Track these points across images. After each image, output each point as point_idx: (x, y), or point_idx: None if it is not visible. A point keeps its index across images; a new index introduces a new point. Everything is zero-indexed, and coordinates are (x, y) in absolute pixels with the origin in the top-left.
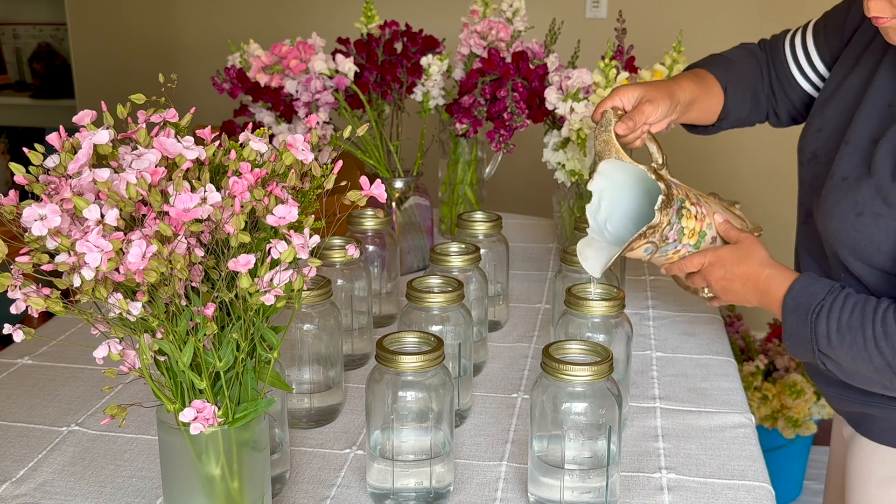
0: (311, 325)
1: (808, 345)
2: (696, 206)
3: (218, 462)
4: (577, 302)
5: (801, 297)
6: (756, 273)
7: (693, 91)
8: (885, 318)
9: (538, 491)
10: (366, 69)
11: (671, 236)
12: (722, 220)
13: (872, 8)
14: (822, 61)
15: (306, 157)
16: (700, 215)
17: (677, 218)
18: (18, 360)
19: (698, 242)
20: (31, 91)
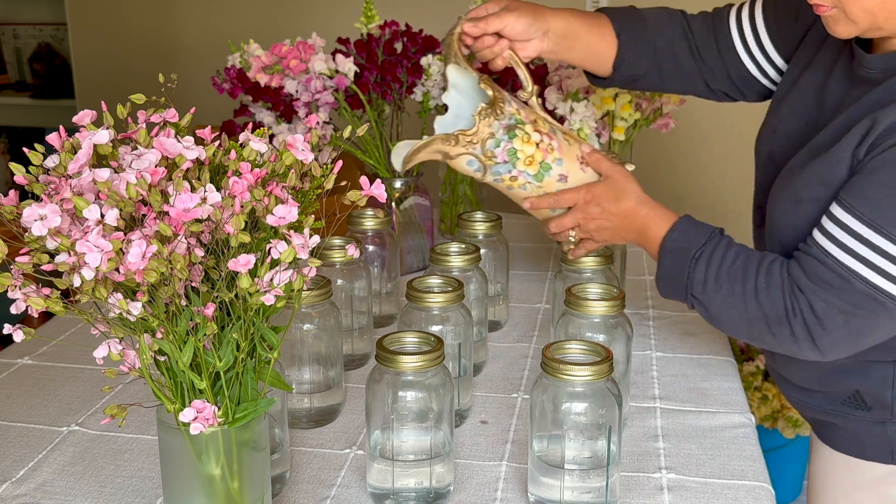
0: (311, 325)
1: (682, 288)
2: (543, 134)
3: (218, 462)
4: (577, 302)
5: (680, 240)
6: (634, 210)
7: (572, 23)
8: (770, 270)
9: (538, 491)
10: (366, 69)
11: (499, 155)
12: (590, 149)
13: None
14: (770, 40)
15: (306, 157)
16: (546, 146)
17: (507, 136)
18: (18, 360)
19: (540, 174)
20: (31, 91)
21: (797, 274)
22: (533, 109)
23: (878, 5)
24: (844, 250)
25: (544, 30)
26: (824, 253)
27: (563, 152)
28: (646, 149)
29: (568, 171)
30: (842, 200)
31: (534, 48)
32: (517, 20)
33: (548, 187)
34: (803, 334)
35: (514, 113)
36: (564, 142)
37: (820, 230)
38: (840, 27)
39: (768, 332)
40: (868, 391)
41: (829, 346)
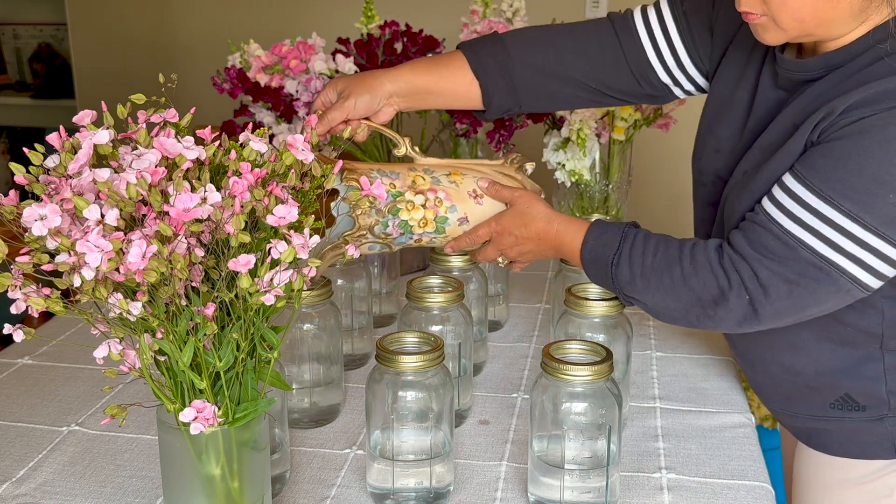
0: (311, 325)
1: (614, 291)
2: (426, 192)
3: (218, 462)
4: (577, 302)
5: (595, 248)
6: (545, 230)
7: (415, 80)
8: (693, 254)
9: (538, 491)
10: (366, 69)
11: (393, 231)
12: (486, 183)
13: (744, 3)
14: (681, 40)
15: (306, 157)
16: (434, 202)
17: (391, 214)
18: (18, 360)
19: (439, 228)
20: (31, 91)
21: (740, 243)
22: (412, 165)
23: (809, 14)
24: (793, 220)
25: (386, 96)
26: (771, 221)
27: (452, 198)
28: (646, 149)
29: (465, 212)
30: (795, 171)
31: (387, 113)
32: (356, 103)
33: (452, 234)
34: (742, 306)
35: (388, 190)
36: (451, 185)
37: (770, 199)
38: (769, 35)
39: (704, 315)
40: (860, 391)
41: (770, 316)
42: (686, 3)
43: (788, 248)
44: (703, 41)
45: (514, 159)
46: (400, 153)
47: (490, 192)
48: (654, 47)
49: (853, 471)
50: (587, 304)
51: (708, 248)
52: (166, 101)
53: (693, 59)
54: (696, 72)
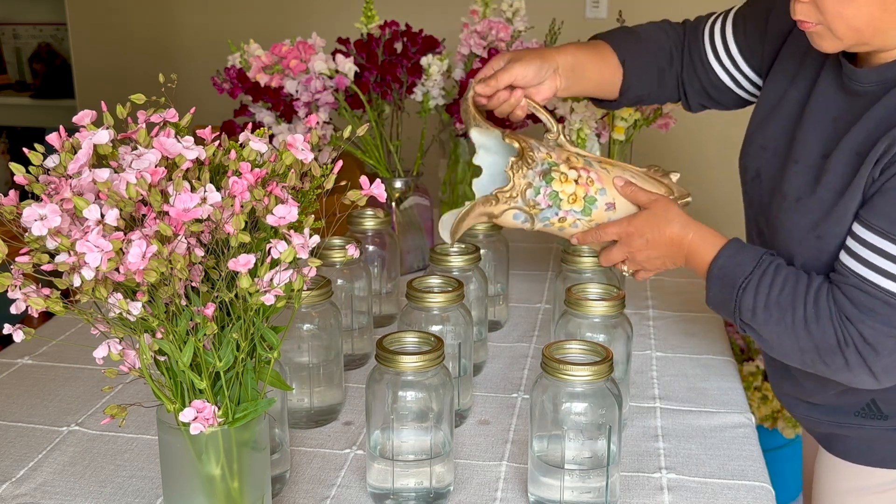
0: (311, 325)
1: (732, 314)
2: (579, 170)
3: (218, 462)
4: (577, 302)
5: (727, 266)
6: (679, 237)
7: (578, 56)
8: (817, 298)
9: (538, 491)
10: (366, 69)
11: (542, 201)
12: (623, 182)
13: (798, 11)
14: (739, 53)
15: (306, 157)
16: (586, 180)
17: (544, 181)
18: (18, 360)
19: (587, 208)
20: (31, 91)
21: (842, 302)
22: (563, 148)
23: (865, 23)
24: (880, 273)
25: (554, 68)
26: (860, 279)
27: (603, 181)
28: (646, 149)
29: (614, 198)
30: (864, 220)
31: (548, 89)
32: (526, 68)
33: (598, 219)
34: (857, 362)
35: (545, 158)
36: (603, 171)
37: (849, 253)
38: (826, 43)
39: (820, 362)
40: (886, 399)
41: (884, 372)
42: (747, 10)
43: (887, 304)
44: (755, 40)
45: (657, 169)
46: (552, 138)
47: (625, 193)
48: (713, 49)
49: (871, 479)
50: (587, 304)
51: (830, 295)
52: (166, 101)
53: (746, 58)
54: (751, 70)
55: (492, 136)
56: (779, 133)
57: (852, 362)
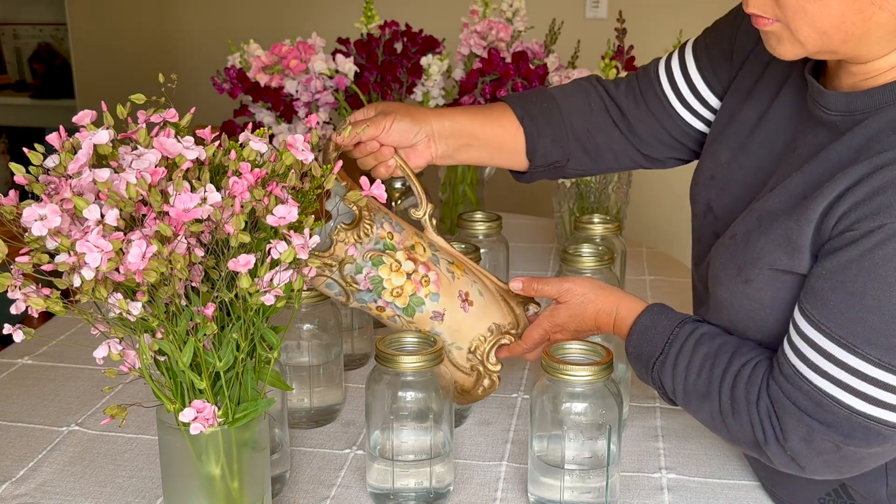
0: (311, 325)
1: (660, 394)
2: (419, 264)
3: (218, 462)
4: None
5: (640, 343)
6: (606, 320)
7: (460, 121)
8: (734, 392)
9: (538, 491)
10: (366, 69)
11: (362, 282)
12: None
13: (752, 3)
14: (710, 90)
15: (306, 157)
16: (420, 278)
17: (371, 262)
18: (18, 360)
19: (410, 308)
20: (31, 91)
21: (775, 394)
22: (420, 233)
23: (833, 25)
24: (820, 374)
25: (427, 133)
26: (798, 376)
27: (441, 287)
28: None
29: (444, 307)
30: (804, 309)
31: (422, 155)
32: (393, 124)
33: (419, 323)
34: (784, 460)
35: (383, 237)
36: (447, 275)
37: (789, 344)
38: (783, 47)
39: (749, 452)
40: (857, 485)
41: (819, 469)
42: (709, 35)
43: (823, 408)
44: (720, 65)
45: (519, 295)
46: (417, 216)
47: (529, 291)
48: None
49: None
50: None
51: (750, 386)
52: (166, 101)
53: (714, 89)
54: (711, 93)
55: (340, 189)
56: (731, 160)
57: (776, 458)
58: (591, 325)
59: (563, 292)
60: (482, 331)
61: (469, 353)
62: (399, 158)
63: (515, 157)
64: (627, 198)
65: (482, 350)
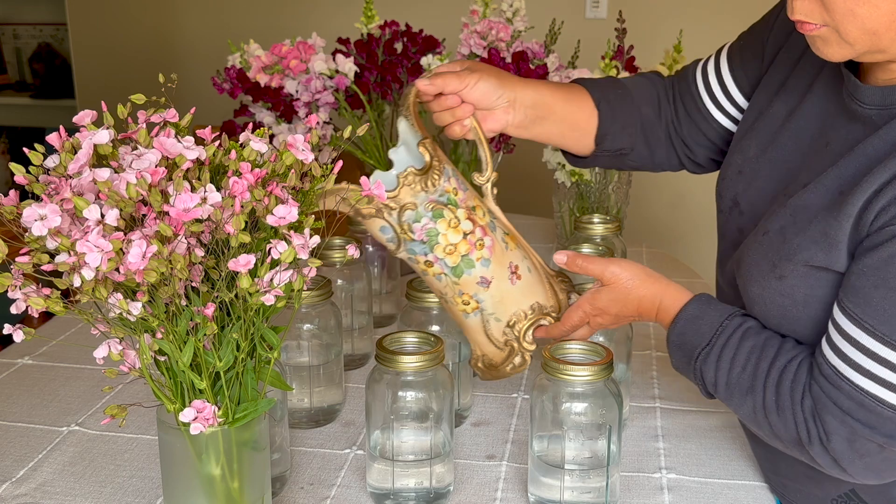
0: (311, 325)
1: (697, 384)
2: (477, 226)
3: (218, 462)
4: None
5: (686, 333)
6: (649, 307)
7: (543, 94)
8: (779, 389)
9: (538, 491)
10: (366, 69)
11: (417, 231)
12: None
13: (798, 10)
14: (740, 91)
15: (306, 157)
16: (475, 241)
17: (431, 213)
18: (18, 360)
19: (458, 269)
20: (31, 91)
21: (817, 394)
22: (481, 197)
23: (884, 25)
24: (861, 372)
25: (510, 99)
26: (839, 376)
27: (494, 254)
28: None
29: (493, 275)
30: (845, 307)
31: (498, 120)
32: (478, 82)
33: (464, 286)
34: (827, 460)
35: (448, 191)
36: (501, 244)
37: (828, 343)
38: (831, 49)
39: (789, 450)
40: (869, 489)
41: (862, 472)
42: (744, 37)
43: (865, 408)
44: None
45: (564, 281)
46: (480, 181)
47: (573, 267)
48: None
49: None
50: None
51: (795, 383)
52: (166, 101)
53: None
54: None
55: (414, 135)
56: (759, 155)
57: (820, 458)
58: (633, 311)
59: (608, 274)
60: (524, 307)
61: (507, 326)
62: (475, 120)
63: (584, 139)
64: (627, 198)
65: (521, 326)
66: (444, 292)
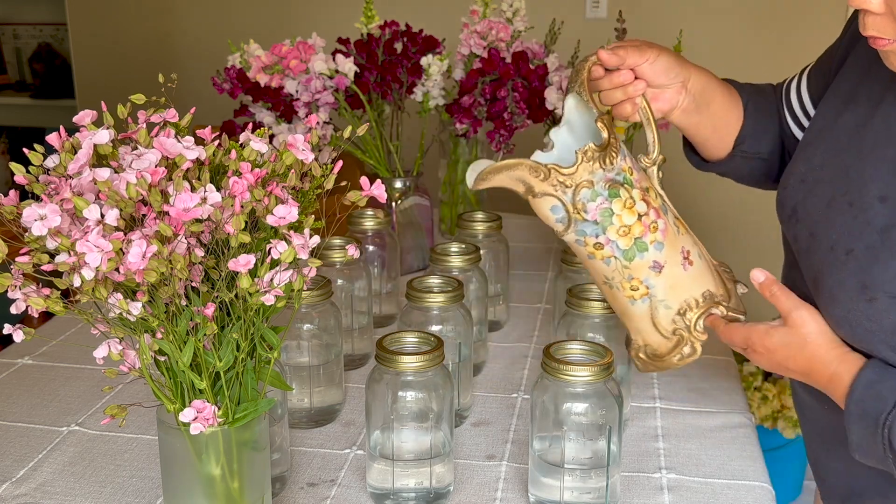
0: (311, 325)
1: (885, 459)
2: (651, 208)
3: (218, 462)
4: (577, 302)
5: (865, 399)
6: (818, 372)
7: (711, 81)
8: None
9: (538, 491)
10: (366, 69)
11: (591, 211)
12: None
13: (869, 25)
14: (813, 105)
15: (306, 157)
16: (650, 223)
17: (608, 192)
18: (18, 360)
19: (630, 252)
20: (31, 91)
21: None
22: (649, 179)
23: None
24: None
25: (683, 79)
26: None
27: (667, 237)
28: (646, 148)
29: (666, 260)
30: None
31: (669, 100)
32: (658, 58)
33: (635, 270)
34: None
35: (624, 170)
36: (674, 227)
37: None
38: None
39: None
40: None
41: None
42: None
43: None
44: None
45: (727, 270)
46: (646, 163)
47: (765, 290)
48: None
49: None
50: (588, 303)
51: None
52: (166, 101)
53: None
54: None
55: (586, 114)
56: (825, 163)
57: None
58: (800, 367)
59: (794, 315)
60: (696, 294)
61: (677, 314)
62: (645, 99)
63: (728, 137)
64: None
65: (692, 314)
66: (610, 277)
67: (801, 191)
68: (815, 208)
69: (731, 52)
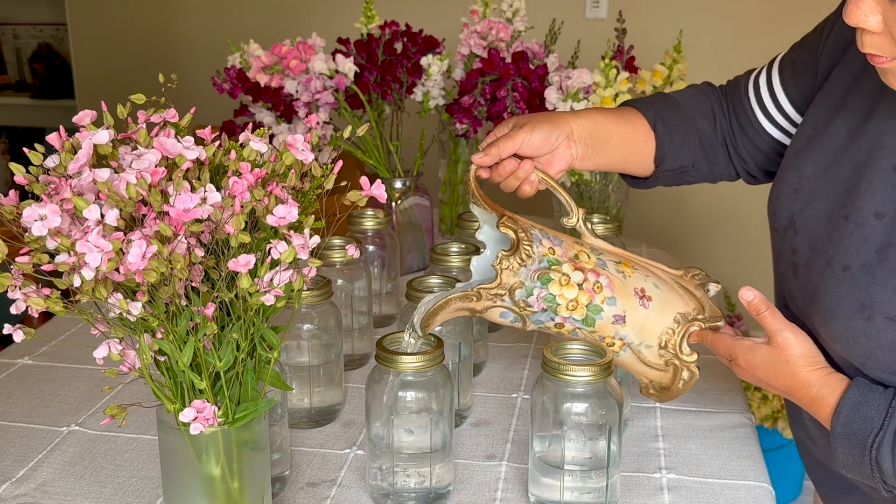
0: (311, 325)
1: (870, 478)
2: (587, 272)
3: (218, 462)
4: None
5: (852, 421)
6: (800, 391)
7: (598, 120)
8: None
9: (538, 491)
10: (366, 69)
11: (535, 304)
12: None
13: (868, 44)
14: (791, 105)
15: (306, 157)
16: (592, 285)
17: (539, 282)
18: (18, 360)
19: (589, 318)
20: (31, 91)
21: None
22: (577, 239)
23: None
24: None
25: (566, 133)
26: None
27: (615, 290)
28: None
29: (625, 310)
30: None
31: (562, 159)
32: (531, 134)
33: (602, 331)
34: None
35: (545, 254)
36: (617, 275)
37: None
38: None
39: None
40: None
41: None
42: (795, 50)
43: None
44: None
45: (696, 275)
46: (570, 224)
47: (752, 309)
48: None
49: None
50: None
51: None
52: (166, 101)
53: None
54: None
55: (490, 216)
56: (818, 174)
57: None
58: (782, 386)
59: (779, 338)
60: (668, 323)
61: (660, 348)
62: (539, 171)
63: (644, 161)
64: (627, 198)
65: (674, 343)
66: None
67: (796, 202)
68: (813, 222)
69: (731, 52)
